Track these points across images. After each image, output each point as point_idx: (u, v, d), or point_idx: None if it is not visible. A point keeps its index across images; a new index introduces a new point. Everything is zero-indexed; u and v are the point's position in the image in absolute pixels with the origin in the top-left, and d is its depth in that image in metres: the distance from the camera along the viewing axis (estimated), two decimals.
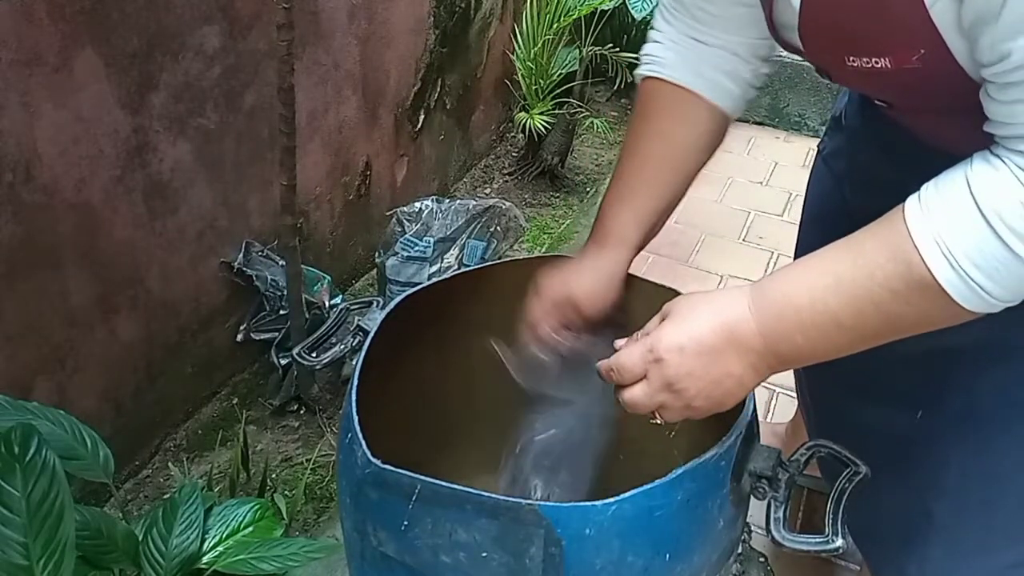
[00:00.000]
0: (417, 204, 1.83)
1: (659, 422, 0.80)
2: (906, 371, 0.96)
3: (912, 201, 0.66)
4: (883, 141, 0.95)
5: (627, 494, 0.75)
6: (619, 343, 0.81)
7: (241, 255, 1.63)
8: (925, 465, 0.96)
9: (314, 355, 1.00)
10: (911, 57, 0.66)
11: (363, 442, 0.81)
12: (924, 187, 0.66)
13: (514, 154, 2.65)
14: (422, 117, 2.19)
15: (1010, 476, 0.91)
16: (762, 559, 0.98)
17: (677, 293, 0.95)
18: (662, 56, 0.92)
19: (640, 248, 0.93)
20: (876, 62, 0.69)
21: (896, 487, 0.97)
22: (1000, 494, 0.92)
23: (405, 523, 0.79)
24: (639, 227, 0.92)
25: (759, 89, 0.95)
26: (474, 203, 1.84)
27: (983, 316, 0.68)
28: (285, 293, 1.58)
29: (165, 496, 1.48)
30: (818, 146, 1.20)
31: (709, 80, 0.91)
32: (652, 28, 0.96)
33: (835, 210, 1.08)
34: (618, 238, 0.92)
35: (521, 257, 1.70)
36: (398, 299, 0.98)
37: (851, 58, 0.71)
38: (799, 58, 0.86)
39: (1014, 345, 0.87)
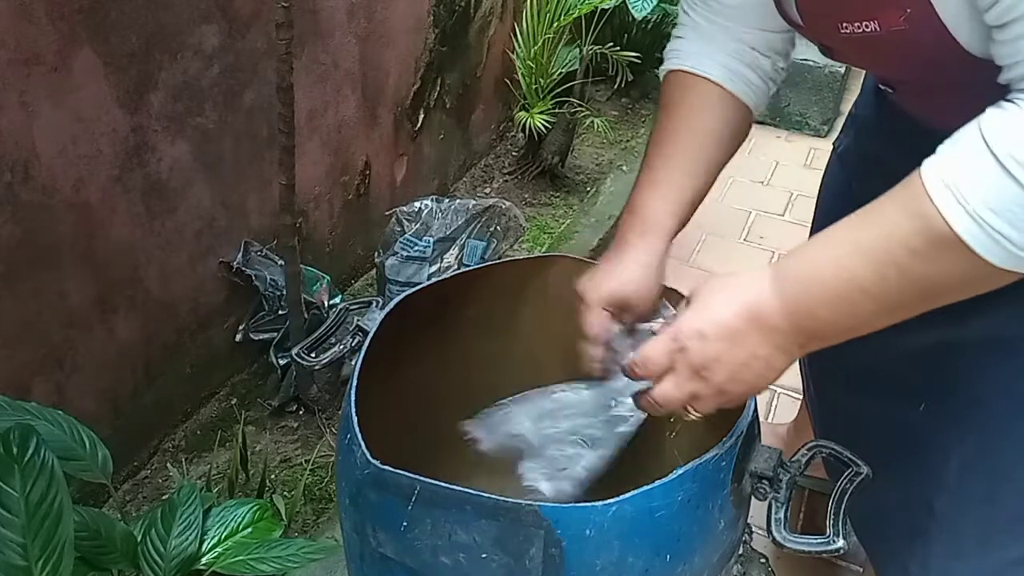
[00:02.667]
0: (417, 204, 1.82)
1: (695, 416, 0.78)
2: (911, 365, 0.96)
3: (928, 159, 0.65)
4: (890, 129, 0.96)
5: (627, 495, 0.75)
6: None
7: (240, 255, 1.63)
8: (927, 459, 0.96)
9: (313, 355, 0.99)
10: (898, 18, 0.68)
11: (362, 443, 0.80)
12: (940, 146, 0.65)
13: (514, 154, 2.65)
14: (422, 116, 2.18)
15: (1011, 471, 0.90)
16: (763, 560, 0.98)
17: (677, 293, 0.95)
18: (685, 49, 0.95)
19: (674, 236, 0.93)
20: (866, 26, 0.71)
21: (898, 482, 0.97)
22: (1001, 489, 0.91)
23: (404, 524, 0.78)
24: (674, 216, 0.91)
25: (779, 85, 0.97)
26: (474, 203, 1.84)
27: (998, 299, 0.67)
28: (284, 293, 1.58)
29: (164, 497, 1.48)
30: (834, 143, 1.21)
31: (731, 71, 0.93)
32: (676, 24, 0.98)
33: (846, 206, 1.09)
34: (656, 228, 0.91)
35: (521, 257, 1.70)
36: (398, 299, 0.98)
37: (844, 25, 0.73)
38: (801, 58, 0.88)
39: (1017, 338, 0.86)
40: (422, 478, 0.76)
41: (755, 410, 0.85)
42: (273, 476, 1.54)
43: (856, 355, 1.05)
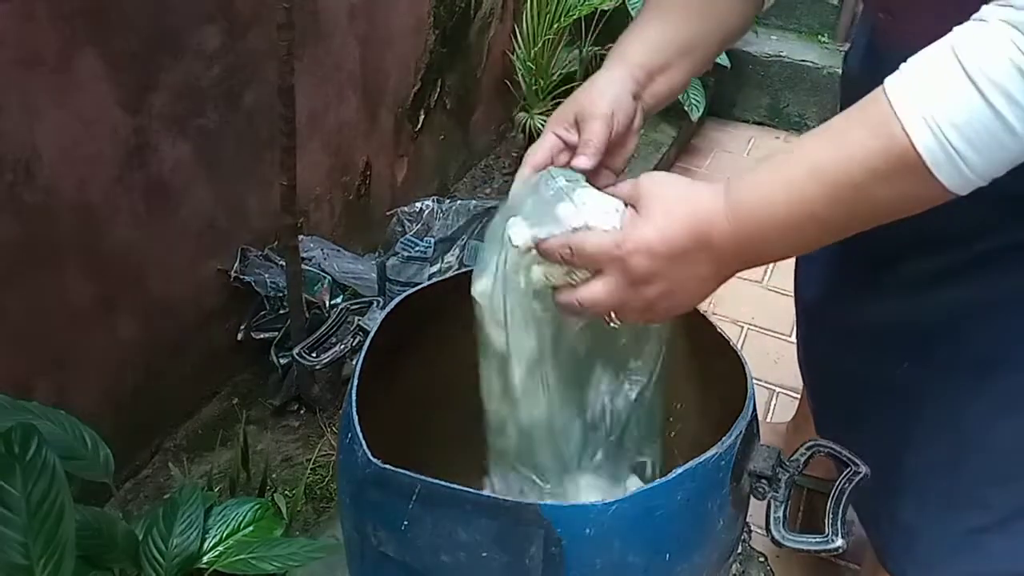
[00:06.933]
0: (418, 204, 1.83)
1: (615, 324, 0.77)
2: (897, 327, 0.98)
3: (893, 76, 0.62)
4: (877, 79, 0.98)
5: (627, 494, 0.75)
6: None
7: (237, 262, 1.63)
8: (902, 417, 0.98)
9: (314, 355, 1.00)
10: None
11: (363, 442, 0.81)
12: (904, 63, 0.62)
13: (514, 154, 2.65)
14: (422, 117, 2.19)
15: (975, 434, 0.92)
16: (762, 559, 0.99)
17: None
18: None
19: (647, 73, 0.88)
20: None
21: (875, 439, 0.99)
22: (965, 450, 0.93)
23: (405, 523, 0.79)
24: (644, 50, 0.88)
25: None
26: (475, 203, 1.84)
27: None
28: (285, 293, 1.58)
29: (165, 496, 1.48)
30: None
31: None
32: None
33: None
34: (618, 59, 0.88)
35: None
36: (398, 299, 0.99)
37: None
38: (800, 59, 0.87)
39: (999, 303, 0.87)
40: (423, 477, 0.76)
41: (754, 409, 0.85)
42: (274, 475, 1.54)
43: (846, 319, 1.09)
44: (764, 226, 0.68)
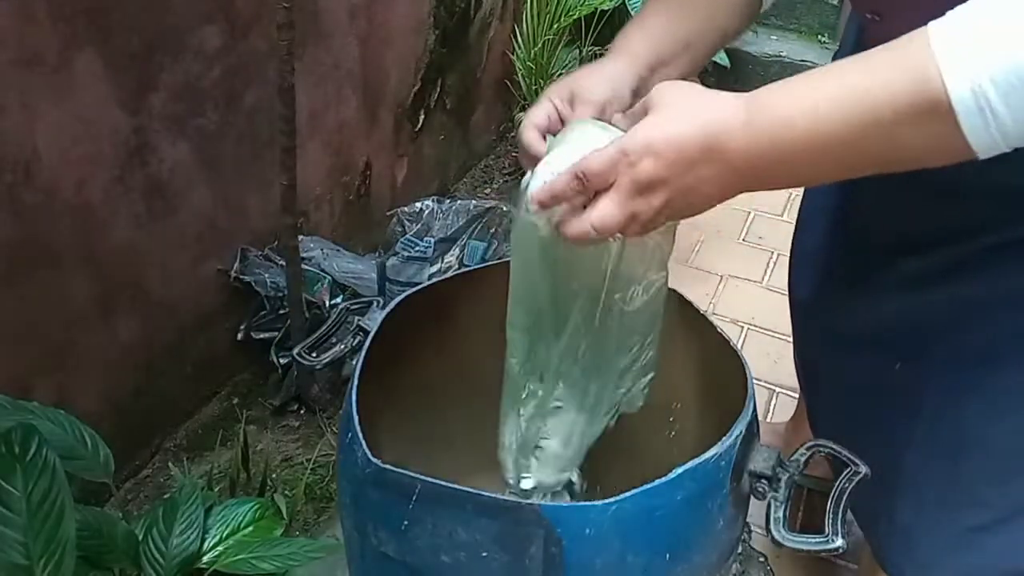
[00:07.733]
0: (418, 204, 1.83)
1: (613, 240, 0.74)
2: (891, 325, 0.98)
3: (938, 20, 0.60)
4: None
5: (627, 494, 0.75)
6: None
7: (237, 262, 1.63)
8: (900, 415, 0.97)
9: (314, 355, 1.00)
10: None
11: (363, 442, 0.81)
12: (952, 11, 0.60)
13: (514, 154, 2.65)
14: (422, 117, 2.19)
15: (974, 429, 0.91)
16: (762, 559, 0.99)
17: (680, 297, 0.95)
18: None
19: (649, 68, 0.88)
20: None
21: (871, 438, 0.99)
22: (964, 448, 0.93)
23: (405, 523, 0.79)
24: (648, 44, 0.88)
25: None
26: (475, 204, 1.84)
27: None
28: (285, 293, 1.58)
29: (165, 496, 1.48)
30: None
31: None
32: None
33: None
34: (623, 50, 0.88)
35: None
36: (398, 299, 0.99)
37: None
38: (800, 59, 0.87)
39: (1003, 298, 0.87)
40: (423, 477, 0.76)
41: (754, 410, 0.85)
42: (274, 475, 1.55)
43: (841, 319, 1.09)
44: (780, 147, 0.65)
